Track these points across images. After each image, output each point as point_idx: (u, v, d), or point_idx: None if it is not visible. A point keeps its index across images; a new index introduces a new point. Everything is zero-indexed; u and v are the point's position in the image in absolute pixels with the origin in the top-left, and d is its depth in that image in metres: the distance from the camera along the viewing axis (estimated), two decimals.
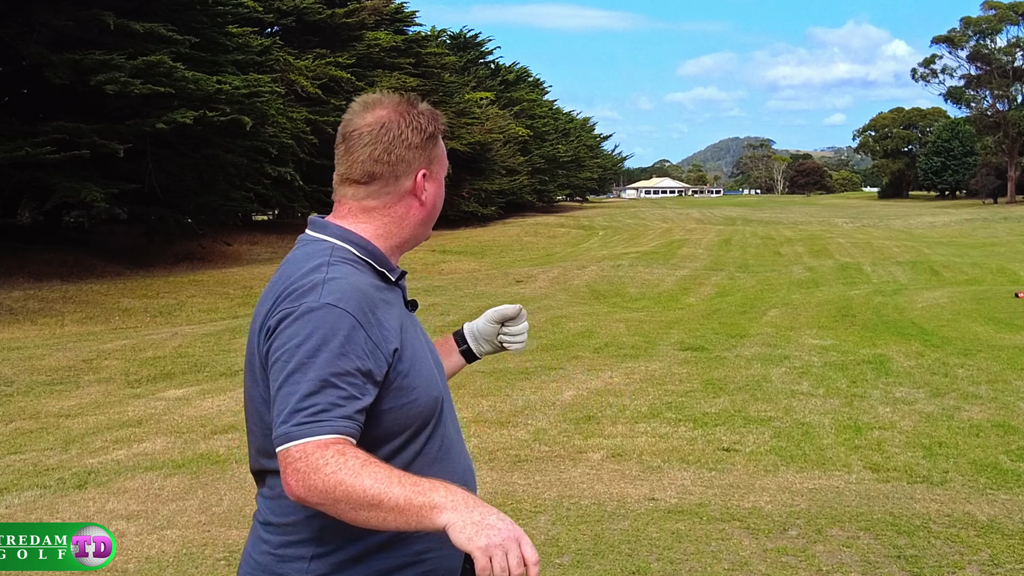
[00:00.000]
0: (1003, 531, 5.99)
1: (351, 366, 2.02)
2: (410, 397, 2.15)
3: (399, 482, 1.90)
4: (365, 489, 1.88)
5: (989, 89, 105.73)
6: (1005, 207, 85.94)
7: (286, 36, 41.42)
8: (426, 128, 2.31)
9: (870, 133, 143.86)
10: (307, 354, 2.01)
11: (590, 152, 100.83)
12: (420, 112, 2.31)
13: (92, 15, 24.24)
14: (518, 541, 1.85)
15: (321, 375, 1.99)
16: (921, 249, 38.64)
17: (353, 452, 1.94)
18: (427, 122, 2.31)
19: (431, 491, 1.89)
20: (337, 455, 1.92)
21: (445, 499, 1.88)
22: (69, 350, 14.70)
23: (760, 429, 9.03)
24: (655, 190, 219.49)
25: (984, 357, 12.69)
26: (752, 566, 5.50)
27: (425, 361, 2.26)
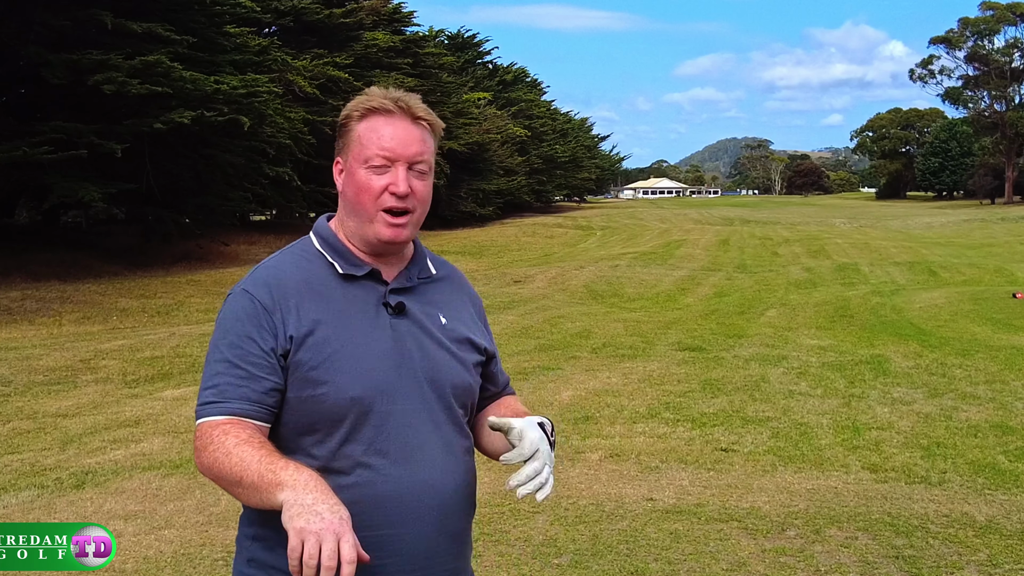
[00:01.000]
0: (1001, 531, 6.00)
1: (254, 348, 2.14)
2: (316, 391, 2.15)
3: (259, 461, 1.97)
4: (232, 467, 1.99)
5: (987, 90, 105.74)
6: (1003, 208, 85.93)
7: (284, 36, 41.37)
8: (341, 117, 2.31)
9: (868, 134, 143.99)
10: (215, 338, 2.21)
11: (588, 152, 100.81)
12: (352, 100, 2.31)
13: (90, 15, 24.20)
14: (338, 536, 1.82)
15: (223, 357, 2.15)
16: (919, 250, 38.64)
17: (236, 432, 2.05)
18: (344, 110, 2.31)
19: (282, 471, 1.93)
20: (221, 435, 2.04)
21: (289, 478, 1.91)
22: (67, 350, 14.69)
23: (758, 429, 9.04)
24: (653, 190, 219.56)
25: (982, 358, 12.70)
26: (750, 566, 5.50)
27: (358, 360, 2.17)
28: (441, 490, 2.22)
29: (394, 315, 2.25)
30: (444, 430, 2.28)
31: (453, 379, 2.30)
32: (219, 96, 27.39)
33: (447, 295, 2.42)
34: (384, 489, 2.16)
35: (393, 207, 2.21)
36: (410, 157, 2.22)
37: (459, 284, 2.50)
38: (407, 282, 2.31)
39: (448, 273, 2.48)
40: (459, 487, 2.28)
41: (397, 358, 2.22)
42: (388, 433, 2.18)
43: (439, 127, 2.31)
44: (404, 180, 2.21)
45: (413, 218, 2.26)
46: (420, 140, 2.24)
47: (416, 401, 2.23)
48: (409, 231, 2.26)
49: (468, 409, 2.39)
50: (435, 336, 2.30)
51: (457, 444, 2.31)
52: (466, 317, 2.43)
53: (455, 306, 2.41)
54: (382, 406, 2.18)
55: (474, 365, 2.39)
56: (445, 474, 2.24)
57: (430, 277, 2.39)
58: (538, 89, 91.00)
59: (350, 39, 44.23)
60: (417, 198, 2.24)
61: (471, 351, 2.38)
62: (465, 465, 2.33)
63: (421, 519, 2.18)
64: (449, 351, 2.31)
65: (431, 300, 2.35)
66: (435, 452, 2.24)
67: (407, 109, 2.24)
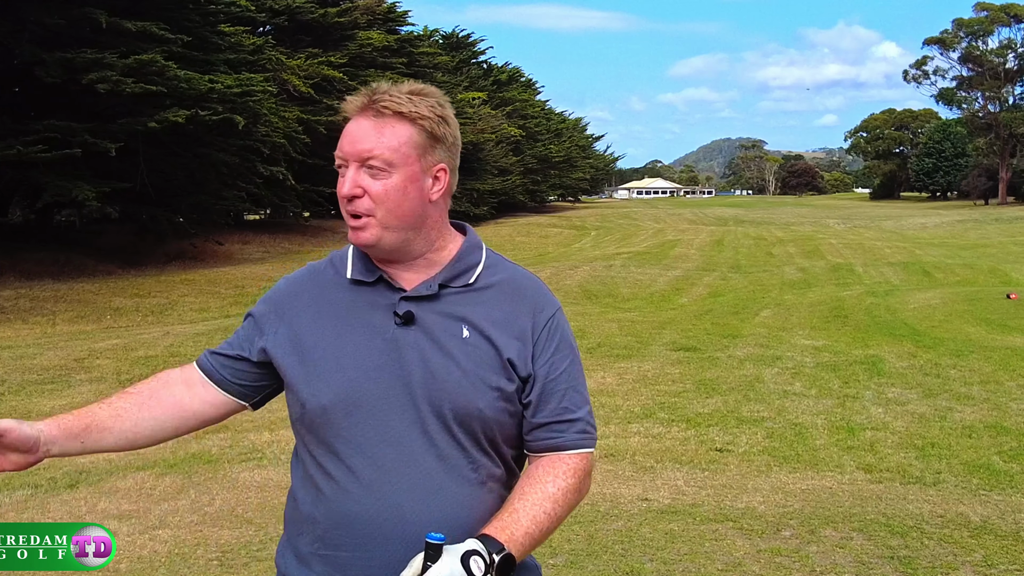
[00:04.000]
0: (996, 532, 6.00)
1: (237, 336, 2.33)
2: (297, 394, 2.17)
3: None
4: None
5: (981, 91, 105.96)
6: (996, 208, 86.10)
7: (278, 35, 41.34)
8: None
9: (862, 134, 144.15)
10: None
11: (582, 152, 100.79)
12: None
13: (84, 13, 24.16)
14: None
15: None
16: (913, 250, 38.71)
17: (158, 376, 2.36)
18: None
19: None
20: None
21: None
22: (60, 349, 14.66)
23: (753, 430, 9.04)
24: (647, 191, 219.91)
25: (976, 358, 12.72)
26: (745, 567, 5.49)
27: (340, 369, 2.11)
28: (414, 519, 2.04)
29: (401, 324, 2.11)
30: (437, 454, 2.08)
31: (456, 400, 2.08)
32: (213, 95, 27.38)
33: (486, 306, 2.17)
34: (349, 507, 2.07)
35: (346, 210, 2.11)
36: (358, 155, 2.07)
37: (516, 294, 2.21)
38: (426, 290, 2.14)
39: (504, 281, 2.22)
40: (444, 519, 2.05)
41: (390, 370, 2.09)
42: (361, 449, 2.08)
43: (416, 113, 2.10)
44: (349, 180, 2.07)
45: (375, 220, 2.09)
46: (373, 135, 2.07)
47: (405, 418, 2.08)
48: (370, 233, 2.09)
49: (484, 437, 2.12)
50: (448, 350, 2.10)
51: (454, 472, 2.09)
52: (504, 331, 2.14)
53: (494, 318, 2.15)
54: (358, 419, 2.08)
55: (497, 387, 2.11)
56: (423, 503, 2.06)
57: (469, 286, 2.18)
58: (532, 89, 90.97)
59: (344, 38, 44.22)
60: (373, 198, 2.07)
61: (493, 371, 2.12)
62: (459, 496, 2.09)
63: (385, 548, 2.04)
64: (461, 368, 2.09)
65: (458, 311, 2.14)
66: (416, 476, 2.06)
67: (371, 103, 2.10)
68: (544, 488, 2.10)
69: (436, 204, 2.17)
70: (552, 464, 2.14)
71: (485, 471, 2.13)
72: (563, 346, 2.20)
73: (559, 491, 2.11)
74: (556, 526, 2.12)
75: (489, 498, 2.13)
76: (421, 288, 2.14)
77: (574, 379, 2.21)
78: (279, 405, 2.36)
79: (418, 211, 2.13)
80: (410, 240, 2.15)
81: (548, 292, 2.27)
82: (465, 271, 2.20)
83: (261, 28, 40.66)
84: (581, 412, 2.19)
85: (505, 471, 2.19)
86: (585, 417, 2.19)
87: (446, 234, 2.23)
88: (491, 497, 2.13)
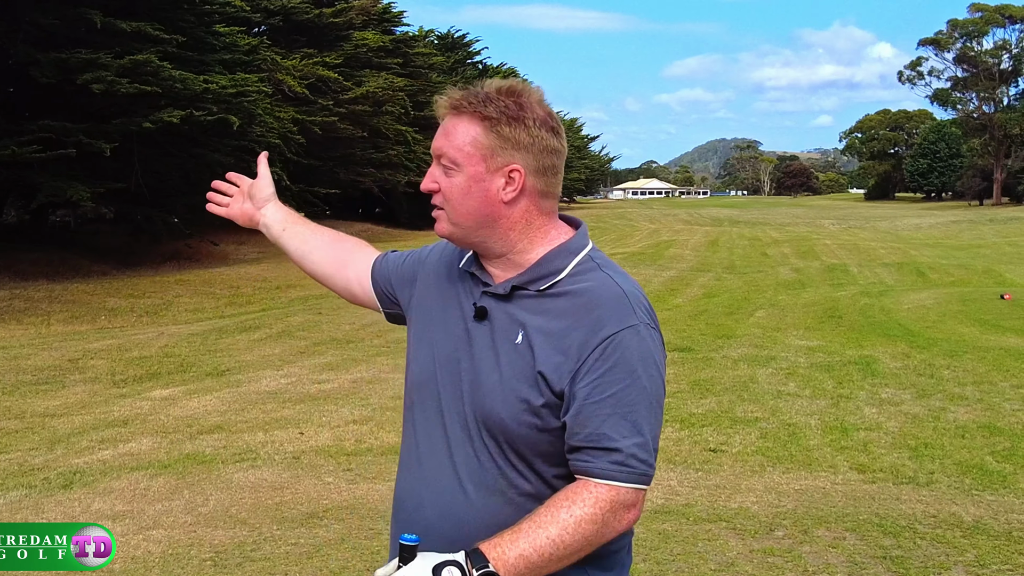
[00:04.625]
0: (989, 532, 6.02)
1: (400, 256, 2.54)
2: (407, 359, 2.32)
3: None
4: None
5: (975, 91, 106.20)
6: (991, 209, 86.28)
7: (273, 36, 41.34)
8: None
9: (857, 135, 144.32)
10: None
11: (578, 153, 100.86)
12: None
13: (79, 13, 24.13)
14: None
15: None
16: (907, 251, 38.78)
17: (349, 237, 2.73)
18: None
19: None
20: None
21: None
22: (55, 350, 14.65)
23: (747, 430, 9.05)
24: (643, 191, 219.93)
25: (970, 358, 12.74)
26: (738, 567, 5.51)
27: (424, 350, 2.24)
28: (429, 511, 2.11)
29: (476, 319, 2.16)
30: (468, 455, 2.10)
31: (484, 404, 2.08)
32: (208, 95, 27.37)
33: (549, 315, 2.10)
34: (399, 483, 2.24)
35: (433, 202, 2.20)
36: (435, 151, 2.15)
37: (585, 307, 2.09)
38: (500, 290, 2.15)
39: (580, 291, 2.11)
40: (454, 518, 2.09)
41: (456, 361, 2.15)
42: (415, 432, 2.20)
43: (486, 113, 2.10)
44: (428, 175, 2.17)
45: (444, 215, 2.16)
46: (445, 133, 2.13)
47: (451, 412, 2.14)
48: (442, 226, 2.18)
49: (508, 447, 2.08)
50: (499, 353, 2.10)
51: (479, 477, 2.09)
52: (551, 343, 2.06)
53: (549, 328, 2.08)
54: (423, 401, 2.19)
55: (525, 400, 2.06)
56: (439, 498, 2.10)
57: (541, 291, 2.12)
58: None
59: (340, 39, 44.22)
60: (443, 194, 2.14)
61: (526, 382, 2.06)
62: (477, 502, 2.08)
63: (407, 529, 2.06)
64: (500, 373, 2.08)
65: (522, 315, 2.11)
66: (441, 471, 2.12)
67: (456, 101, 2.14)
68: (556, 512, 2.00)
69: (513, 205, 2.14)
70: (576, 489, 2.03)
71: (511, 483, 2.08)
72: (617, 369, 2.03)
73: (572, 518, 1.99)
74: (564, 555, 1.99)
75: (509, 510, 2.06)
76: (498, 287, 2.17)
77: (625, 406, 2.03)
78: (273, 406, 2.38)
79: (484, 211, 2.13)
80: (485, 239, 2.17)
81: (627, 310, 2.08)
82: (543, 276, 2.14)
83: (256, 28, 40.64)
84: (624, 442, 2.02)
85: (538, 488, 2.09)
86: (628, 448, 2.02)
87: (534, 236, 2.18)
88: (511, 510, 2.06)
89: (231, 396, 11.00)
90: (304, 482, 7.40)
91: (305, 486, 7.29)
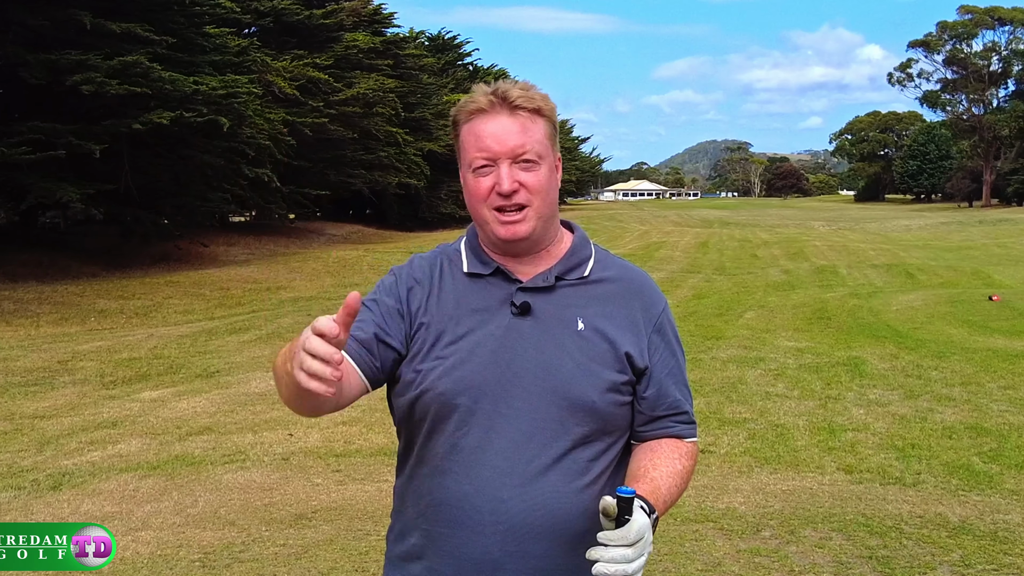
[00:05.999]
0: (974, 532, 6.05)
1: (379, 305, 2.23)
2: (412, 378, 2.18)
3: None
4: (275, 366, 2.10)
5: (965, 93, 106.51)
6: (980, 211, 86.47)
7: (264, 37, 41.25)
8: (451, 123, 2.27)
9: (847, 136, 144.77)
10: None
11: (568, 154, 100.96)
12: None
13: (68, 15, 24.09)
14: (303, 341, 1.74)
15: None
16: (897, 252, 38.84)
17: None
18: (451, 116, 2.26)
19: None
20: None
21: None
22: (44, 351, 14.63)
23: (735, 431, 9.08)
24: (633, 192, 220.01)
25: (958, 360, 12.78)
26: (725, 567, 5.53)
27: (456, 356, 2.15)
28: (512, 507, 2.08)
29: (518, 315, 2.17)
30: (545, 445, 2.11)
31: (570, 391, 2.13)
32: (198, 97, 27.32)
33: (601, 300, 2.24)
34: (453, 489, 2.13)
35: (502, 206, 2.14)
36: (511, 152, 2.14)
37: (628, 289, 2.29)
38: (542, 282, 2.21)
39: (616, 276, 2.30)
40: (541, 509, 2.09)
41: (506, 359, 2.14)
42: (471, 435, 2.12)
43: (546, 107, 2.20)
44: (508, 177, 2.13)
45: (532, 211, 2.16)
46: (520, 131, 2.15)
47: (516, 406, 2.12)
48: (527, 226, 2.16)
49: (594, 429, 2.15)
50: (562, 341, 2.16)
51: (559, 465, 2.12)
52: (619, 326, 2.21)
53: (606, 313, 2.22)
54: (470, 406, 2.13)
55: (610, 381, 2.16)
56: (520, 490, 2.09)
57: (583, 279, 2.25)
58: None
59: (330, 40, 44.13)
60: (530, 190, 2.15)
61: (607, 365, 2.17)
62: (561, 489, 2.11)
63: (480, 530, 2.09)
64: (575, 360, 2.15)
65: (573, 303, 2.21)
66: (517, 464, 2.10)
67: (502, 101, 2.16)
68: (674, 464, 2.20)
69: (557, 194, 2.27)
70: (676, 445, 2.26)
71: (591, 464, 2.16)
72: (671, 342, 2.31)
73: (685, 470, 2.22)
74: (676, 501, 2.21)
75: (592, 492, 2.14)
76: (538, 279, 2.21)
77: (680, 373, 2.31)
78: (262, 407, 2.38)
79: (555, 199, 2.24)
80: (547, 230, 2.25)
81: (657, 287, 2.36)
82: (579, 264, 2.28)
83: (246, 30, 40.56)
84: (688, 406, 2.31)
85: (609, 464, 2.20)
86: (691, 410, 2.33)
87: (559, 226, 2.33)
88: (594, 491, 2.14)
89: (220, 398, 11.00)
90: (293, 483, 7.41)
91: (294, 487, 7.30)
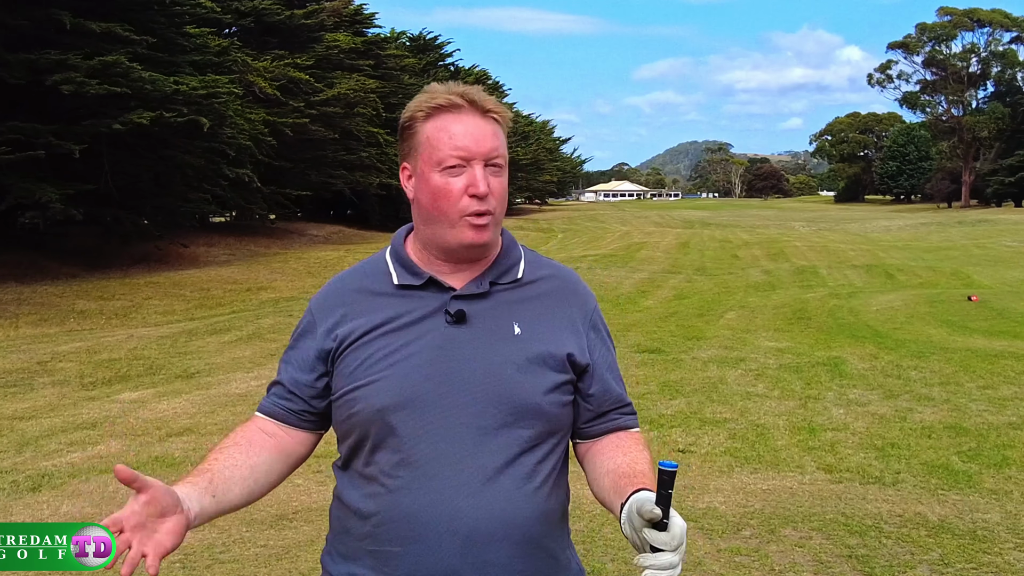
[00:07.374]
0: (953, 531, 6.08)
1: (300, 353, 2.24)
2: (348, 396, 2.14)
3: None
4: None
5: (944, 95, 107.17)
6: (960, 211, 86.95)
7: (244, 37, 41.19)
8: (403, 118, 2.18)
9: (827, 138, 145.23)
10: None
11: (549, 155, 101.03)
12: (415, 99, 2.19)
13: (48, 14, 24.00)
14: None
15: (283, 358, 2.29)
16: (876, 253, 39.01)
17: (240, 431, 2.29)
18: (405, 111, 2.17)
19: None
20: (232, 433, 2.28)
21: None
22: (23, 352, 14.56)
23: (715, 431, 9.10)
24: (614, 193, 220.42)
25: (937, 360, 12.84)
26: (706, 566, 5.55)
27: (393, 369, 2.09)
28: (467, 516, 2.03)
29: (453, 323, 2.12)
30: (495, 451, 2.07)
31: (514, 395, 2.09)
32: (178, 97, 27.25)
33: (536, 301, 2.21)
34: (401, 503, 2.05)
35: (476, 209, 2.08)
36: (485, 154, 2.09)
37: (562, 289, 2.28)
38: (476, 288, 2.16)
39: (547, 276, 2.28)
40: (499, 517, 2.05)
41: (445, 368, 2.09)
42: (417, 447, 2.06)
43: (508, 119, 2.18)
44: (483, 179, 2.08)
45: (494, 218, 2.13)
46: (493, 135, 2.11)
47: (461, 416, 2.07)
48: (491, 232, 2.13)
49: (540, 431, 2.13)
50: (501, 347, 2.12)
51: (510, 470, 2.08)
52: (556, 327, 2.19)
53: (543, 315, 2.19)
54: (412, 418, 2.06)
55: (553, 381, 2.14)
56: (477, 498, 2.04)
57: (516, 282, 2.22)
58: (500, 91, 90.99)
59: (311, 40, 44.08)
60: (495, 196, 2.12)
61: (549, 366, 2.14)
62: (514, 494, 2.07)
63: (437, 543, 2.03)
64: (515, 364, 2.11)
65: (508, 308, 2.18)
66: (470, 473, 2.05)
67: (475, 103, 2.12)
68: (646, 456, 2.25)
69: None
70: (632, 437, 2.30)
71: (539, 466, 2.13)
72: (605, 336, 2.32)
73: (650, 459, 2.24)
74: None
75: (542, 494, 2.12)
76: (471, 286, 2.17)
77: (615, 367, 2.33)
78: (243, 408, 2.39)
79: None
80: (497, 237, 2.24)
81: (586, 285, 2.37)
82: (511, 267, 2.24)
83: (227, 30, 40.49)
84: (627, 396, 2.35)
85: (555, 465, 2.18)
86: (629, 400, 2.35)
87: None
88: (543, 493, 2.13)
89: (201, 399, 10.97)
90: None
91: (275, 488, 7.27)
